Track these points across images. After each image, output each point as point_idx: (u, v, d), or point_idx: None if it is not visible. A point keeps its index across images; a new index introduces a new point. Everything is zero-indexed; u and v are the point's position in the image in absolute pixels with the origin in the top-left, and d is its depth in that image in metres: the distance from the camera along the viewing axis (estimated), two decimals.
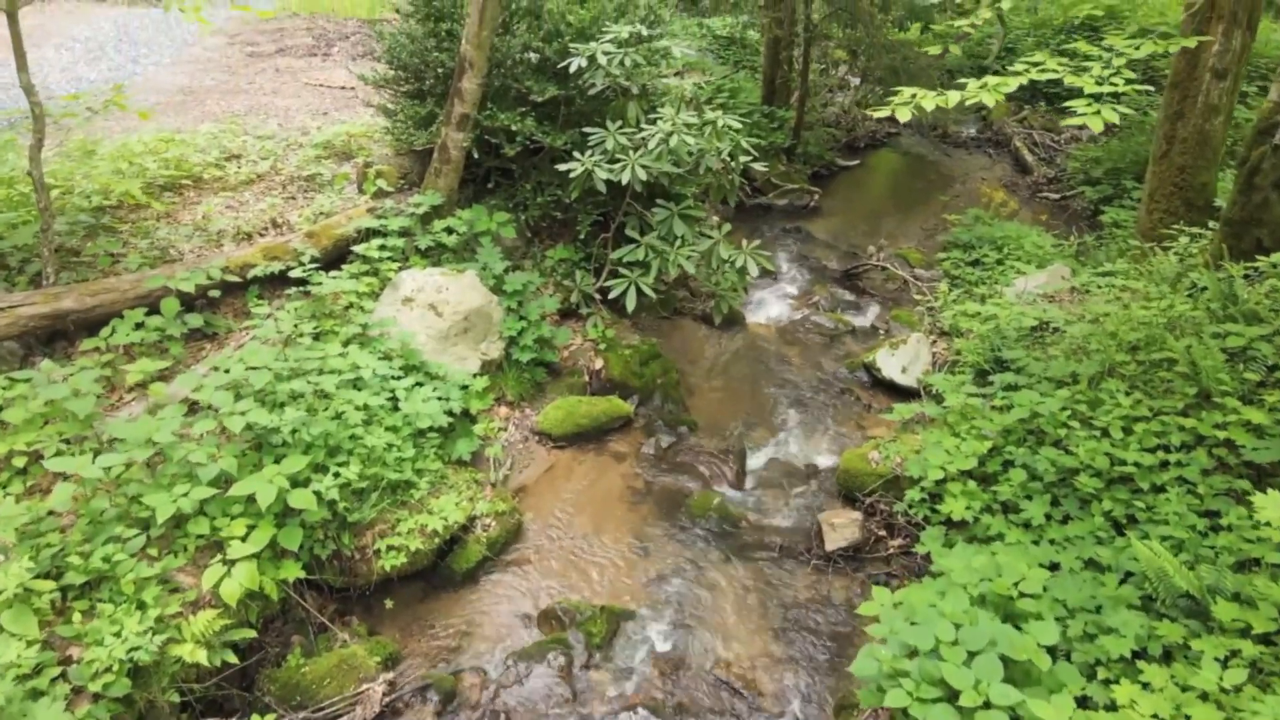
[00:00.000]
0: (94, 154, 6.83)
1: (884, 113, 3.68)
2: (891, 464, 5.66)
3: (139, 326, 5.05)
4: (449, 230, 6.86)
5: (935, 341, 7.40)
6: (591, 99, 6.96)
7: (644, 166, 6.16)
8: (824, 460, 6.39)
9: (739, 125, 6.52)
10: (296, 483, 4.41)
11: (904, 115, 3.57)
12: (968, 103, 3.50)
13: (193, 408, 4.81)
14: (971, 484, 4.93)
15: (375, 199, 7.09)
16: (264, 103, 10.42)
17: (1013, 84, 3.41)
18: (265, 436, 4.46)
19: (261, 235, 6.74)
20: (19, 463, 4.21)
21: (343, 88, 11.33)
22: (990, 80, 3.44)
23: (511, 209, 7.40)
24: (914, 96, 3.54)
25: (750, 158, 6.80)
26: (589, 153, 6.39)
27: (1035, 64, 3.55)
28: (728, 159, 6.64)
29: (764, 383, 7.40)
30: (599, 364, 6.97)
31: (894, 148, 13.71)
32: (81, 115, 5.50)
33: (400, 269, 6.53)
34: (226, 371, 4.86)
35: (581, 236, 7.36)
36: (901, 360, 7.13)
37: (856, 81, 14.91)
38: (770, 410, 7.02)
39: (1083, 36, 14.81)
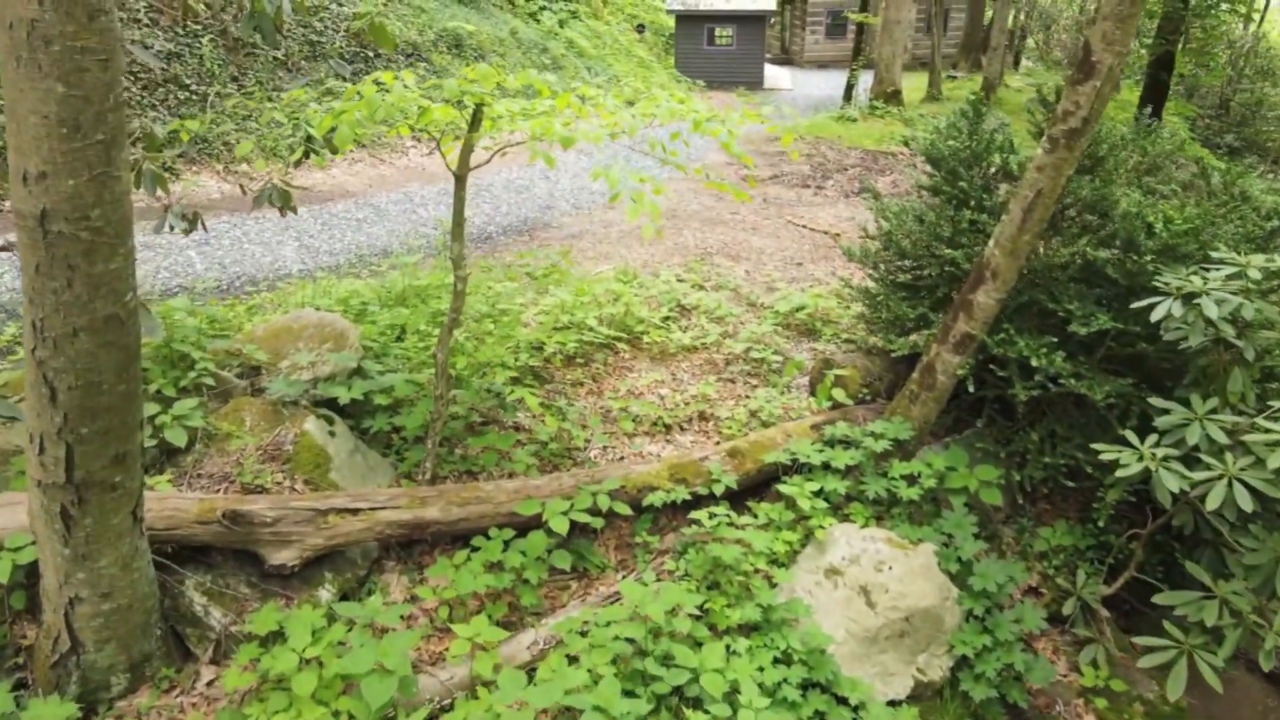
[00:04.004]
0: (552, 287, 6.26)
1: None
2: None
3: (492, 567, 4.04)
4: (910, 478, 5.10)
5: None
6: (1163, 344, 4.73)
7: (1249, 487, 3.82)
8: None
9: None
10: None
11: None
12: None
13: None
14: None
15: (826, 413, 5.58)
16: (739, 240, 9.62)
17: None
18: None
19: (682, 430, 5.59)
20: None
21: (825, 232, 10.18)
22: None
23: (1002, 459, 5.41)
24: None
25: None
26: (1150, 439, 4.20)
27: None
28: None
29: None
30: None
31: None
32: (522, 280, 4.82)
33: (833, 521, 4.91)
34: (572, 661, 3.64)
35: (1099, 523, 5.11)
36: None
37: None
38: None
39: None
